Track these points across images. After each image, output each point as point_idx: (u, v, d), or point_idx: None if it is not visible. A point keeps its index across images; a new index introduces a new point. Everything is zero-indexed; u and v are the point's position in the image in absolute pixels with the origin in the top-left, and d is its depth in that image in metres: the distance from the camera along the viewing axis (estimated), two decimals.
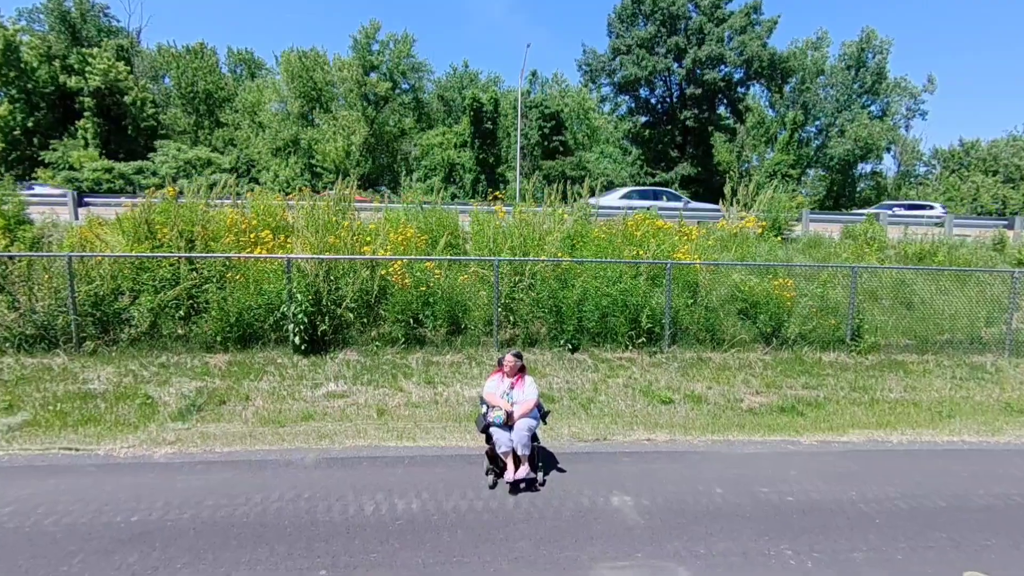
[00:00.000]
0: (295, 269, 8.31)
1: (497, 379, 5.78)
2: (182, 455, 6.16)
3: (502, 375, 5.81)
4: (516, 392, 5.64)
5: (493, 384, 5.74)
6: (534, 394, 5.66)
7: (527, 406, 5.54)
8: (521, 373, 5.80)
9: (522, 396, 5.62)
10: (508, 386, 5.68)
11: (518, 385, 5.69)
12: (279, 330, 8.40)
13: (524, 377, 5.79)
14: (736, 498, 5.34)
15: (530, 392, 5.65)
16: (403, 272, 8.61)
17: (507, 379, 5.75)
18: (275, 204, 10.31)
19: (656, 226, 10.42)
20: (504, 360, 5.80)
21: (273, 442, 6.51)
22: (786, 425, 7.32)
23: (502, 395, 5.63)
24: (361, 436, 6.70)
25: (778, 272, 9.82)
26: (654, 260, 9.35)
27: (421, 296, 8.72)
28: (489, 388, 5.71)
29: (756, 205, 11.50)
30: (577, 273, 9.20)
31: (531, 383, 5.75)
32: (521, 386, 5.69)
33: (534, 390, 5.70)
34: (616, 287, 8.83)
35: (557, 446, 6.48)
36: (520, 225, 9.70)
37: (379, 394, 7.71)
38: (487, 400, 5.63)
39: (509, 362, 5.74)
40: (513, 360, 5.75)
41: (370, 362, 8.26)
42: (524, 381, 5.74)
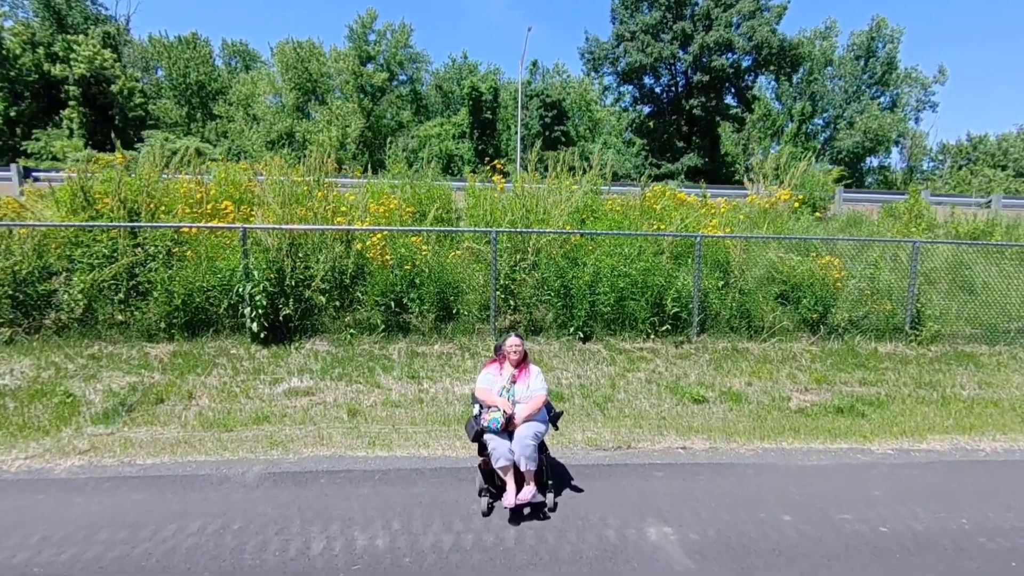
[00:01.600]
0: (252, 242, 6.97)
1: (494, 371, 4.44)
2: (91, 469, 4.82)
3: (500, 365, 4.47)
4: (519, 387, 4.30)
5: (489, 377, 4.40)
6: (542, 388, 4.32)
7: (534, 405, 4.20)
8: (525, 362, 4.46)
9: (527, 392, 4.28)
10: (508, 379, 4.34)
11: (521, 378, 4.35)
12: (235, 315, 7.05)
13: (529, 367, 4.44)
14: (812, 529, 3.99)
15: (537, 386, 4.31)
16: (383, 246, 7.26)
17: (507, 370, 4.41)
18: (240, 174, 8.97)
19: (678, 199, 9.07)
20: (504, 346, 4.46)
21: (212, 451, 5.16)
22: (848, 429, 5.97)
23: (501, 391, 4.29)
24: (324, 443, 5.35)
25: (820, 250, 8.45)
26: (680, 233, 8.00)
27: (405, 276, 7.38)
28: (484, 382, 4.37)
29: (788, 179, 10.14)
30: (588, 250, 7.85)
31: (538, 375, 4.41)
32: (525, 379, 4.34)
33: (542, 384, 4.36)
34: (635, 266, 7.48)
35: (570, 456, 5.14)
36: (522, 196, 8.35)
37: (352, 391, 6.37)
38: (480, 398, 4.29)
39: (511, 347, 4.40)
40: (516, 344, 4.41)
41: (343, 353, 6.91)
42: (529, 372, 4.39)
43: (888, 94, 48.64)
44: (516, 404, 4.21)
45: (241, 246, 6.82)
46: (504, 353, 4.46)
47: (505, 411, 4.08)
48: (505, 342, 4.46)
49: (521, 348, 4.43)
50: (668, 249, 7.94)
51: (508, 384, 4.30)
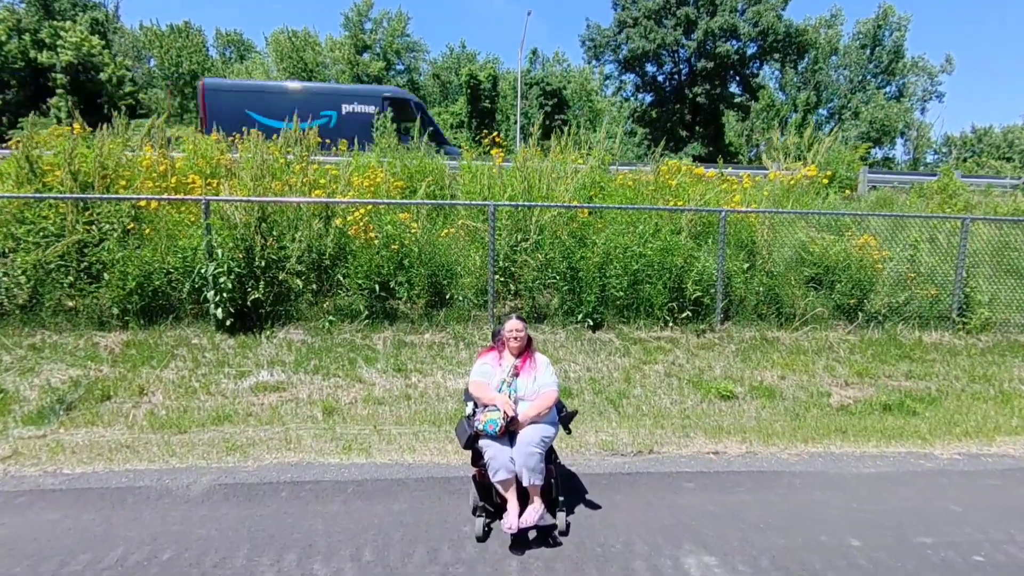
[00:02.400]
0: (218, 217, 6.12)
1: (491, 361, 3.61)
2: (5, 480, 3.99)
3: (499, 355, 3.64)
4: (523, 381, 3.48)
5: (486, 369, 3.57)
6: (552, 384, 3.50)
7: (542, 403, 3.38)
8: (529, 351, 3.64)
9: (532, 387, 3.45)
10: (510, 372, 3.52)
11: (525, 370, 3.52)
12: (199, 301, 6.21)
13: (534, 357, 3.62)
14: (890, 558, 3.18)
15: (546, 380, 3.50)
16: (367, 223, 6.42)
17: (507, 361, 3.60)
18: (212, 147, 8.11)
19: (696, 174, 8.23)
20: (503, 330, 3.64)
21: (158, 458, 4.34)
22: (902, 430, 5.16)
23: (500, 386, 3.47)
24: (291, 447, 4.53)
25: (853, 230, 7.61)
26: (702, 207, 7.16)
27: (393, 257, 6.54)
28: (479, 375, 3.55)
29: (811, 155, 9.29)
30: (598, 229, 7.02)
31: (547, 367, 3.59)
32: (530, 371, 3.52)
33: (552, 377, 3.54)
34: (651, 245, 6.65)
35: (582, 463, 4.32)
36: (523, 169, 7.50)
37: (329, 386, 5.54)
38: (475, 395, 3.47)
39: (512, 332, 3.58)
40: (517, 329, 3.59)
41: (320, 343, 6.08)
42: (535, 364, 3.57)
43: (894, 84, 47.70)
44: (519, 402, 3.39)
45: (204, 220, 5.97)
46: (503, 339, 3.63)
47: (506, 411, 3.26)
48: (504, 326, 3.63)
49: (524, 333, 3.60)
50: (687, 228, 7.10)
51: (509, 377, 3.48)
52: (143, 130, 8.48)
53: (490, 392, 3.42)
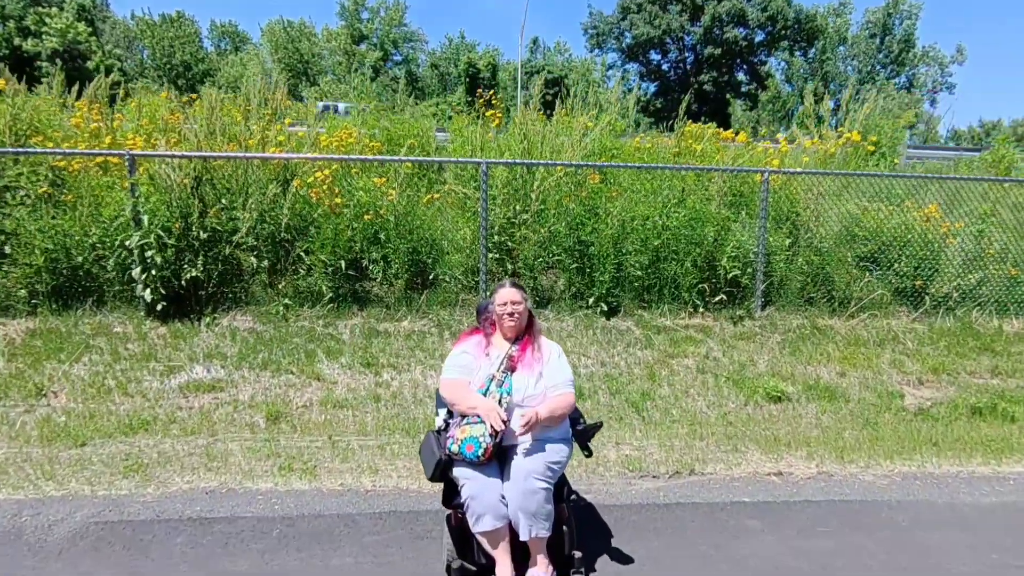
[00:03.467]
0: (145, 174, 4.97)
1: (473, 349, 2.48)
2: None
3: (485, 340, 2.50)
4: (521, 377, 2.35)
5: (464, 360, 2.44)
6: (567, 380, 2.40)
7: (553, 410, 2.26)
8: (531, 334, 2.50)
9: (535, 387, 2.34)
10: (501, 364, 2.39)
11: (525, 361, 2.40)
12: (127, 281, 5.07)
13: (538, 342, 2.48)
14: None
15: (558, 376, 2.38)
16: (331, 185, 5.26)
17: (498, 347, 2.47)
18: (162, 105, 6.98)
19: (724, 137, 7.08)
20: (492, 304, 2.51)
21: (29, 482, 3.22)
22: (1007, 440, 4.04)
23: (487, 385, 2.34)
24: (213, 467, 3.40)
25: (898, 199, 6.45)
26: (740, 168, 6.01)
27: (365, 229, 5.40)
28: (455, 370, 2.42)
29: (847, 123, 8.13)
30: (611, 198, 5.87)
31: (558, 355, 2.47)
32: (533, 362, 2.39)
33: (566, 371, 2.43)
34: (677, 216, 5.50)
35: (601, 489, 3.19)
36: (523, 126, 6.34)
37: (278, 385, 4.41)
38: (449, 399, 2.34)
39: (506, 304, 2.46)
40: (513, 299, 2.46)
41: (273, 331, 4.94)
42: (539, 352, 2.44)
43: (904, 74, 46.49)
44: (514, 411, 2.26)
45: (128, 177, 4.82)
46: (492, 317, 2.50)
47: (493, 424, 2.13)
48: (494, 297, 2.50)
49: (523, 308, 2.47)
50: (717, 197, 5.94)
51: (500, 373, 2.34)
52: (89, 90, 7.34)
53: (471, 395, 2.29)
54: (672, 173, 5.98)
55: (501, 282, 2.52)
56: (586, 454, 2.38)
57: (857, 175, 6.00)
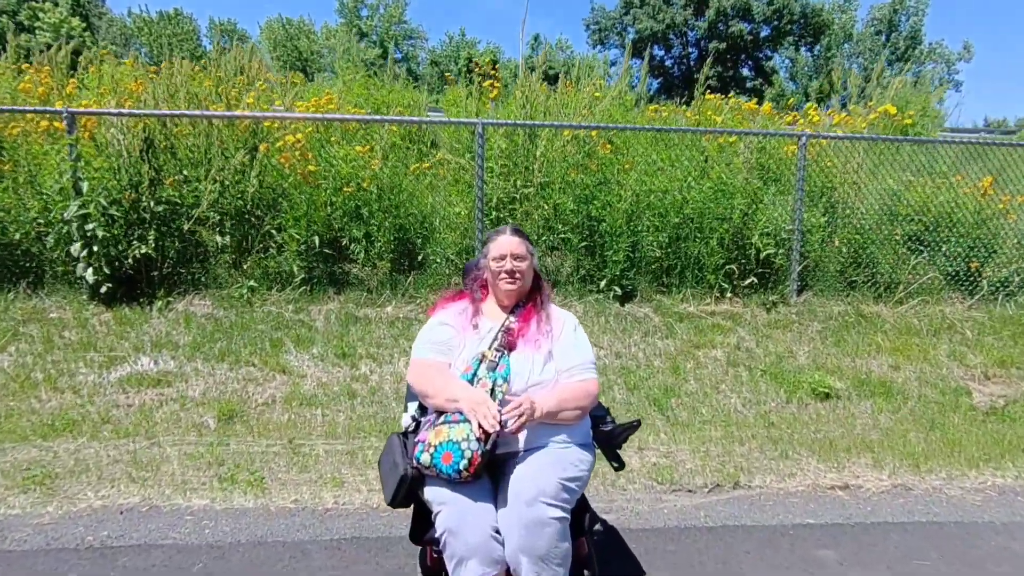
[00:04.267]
0: (85, 134, 4.31)
1: (455, 320, 1.80)
2: None
3: (473, 308, 1.82)
4: (523, 358, 1.69)
5: (444, 334, 1.77)
6: (588, 361, 1.73)
7: (569, 398, 1.61)
8: (536, 299, 1.82)
9: (541, 371, 1.66)
10: (497, 338, 1.71)
11: (529, 336, 1.72)
12: (69, 260, 4.40)
13: (545, 311, 1.80)
14: None
15: (574, 356, 1.73)
16: (303, 151, 4.58)
17: (490, 318, 1.80)
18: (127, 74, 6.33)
19: (747, 108, 6.41)
20: (486, 257, 1.83)
21: None
22: None
23: (473, 368, 1.65)
24: (140, 478, 2.74)
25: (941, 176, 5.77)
26: (774, 132, 5.33)
27: (345, 203, 4.74)
28: (429, 346, 1.74)
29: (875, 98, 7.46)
30: (624, 170, 5.19)
31: (573, 329, 1.79)
32: (539, 337, 1.72)
33: (585, 350, 1.75)
34: (700, 189, 4.83)
35: (624, 507, 2.52)
36: (525, 88, 5.67)
37: (237, 378, 3.74)
38: (420, 388, 1.66)
39: (507, 256, 1.77)
40: (515, 252, 1.78)
41: (235, 317, 4.27)
42: (547, 324, 1.77)
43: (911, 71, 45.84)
44: (505, 396, 1.57)
45: (68, 137, 4.15)
46: (483, 278, 1.83)
47: (482, 423, 1.45)
48: (488, 247, 1.82)
49: (527, 264, 1.80)
50: (744, 169, 5.26)
51: (493, 351, 1.66)
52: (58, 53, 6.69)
53: (451, 383, 1.61)
54: (692, 143, 5.31)
55: (498, 228, 1.84)
56: (615, 466, 1.71)
57: (913, 141, 5.34)
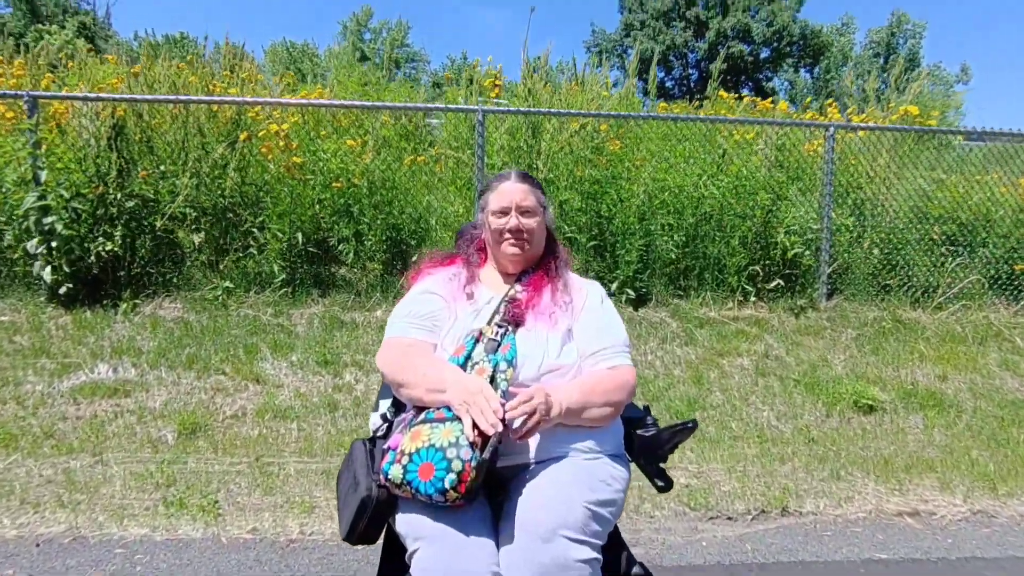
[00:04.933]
0: (51, 124, 3.96)
1: (445, 286, 1.38)
2: None
3: (467, 274, 1.40)
4: (535, 334, 1.26)
5: (429, 303, 1.35)
6: (621, 343, 1.30)
7: (597, 390, 1.20)
8: (548, 263, 1.40)
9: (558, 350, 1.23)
10: (499, 311, 1.28)
11: (542, 306, 1.30)
12: (26, 258, 4.01)
13: (561, 279, 1.38)
14: None
15: (602, 330, 1.30)
16: (287, 141, 4.22)
17: (492, 283, 1.37)
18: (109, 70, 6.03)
19: (763, 107, 6.08)
20: (485, 211, 1.42)
21: None
22: None
23: (468, 347, 1.23)
24: (72, 503, 2.29)
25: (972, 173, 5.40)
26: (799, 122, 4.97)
27: (334, 199, 4.36)
28: (410, 321, 1.32)
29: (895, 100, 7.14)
30: (636, 165, 4.83)
31: (600, 299, 1.36)
32: (555, 308, 1.29)
33: (613, 324, 1.32)
34: (718, 185, 4.45)
35: (652, 537, 2.07)
36: (527, 87, 5.34)
37: (204, 388, 3.31)
38: (392, 375, 1.23)
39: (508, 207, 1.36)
40: (521, 202, 1.36)
41: (207, 321, 3.85)
42: (568, 290, 1.34)
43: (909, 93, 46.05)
44: (519, 393, 1.14)
45: (27, 119, 3.79)
46: (478, 239, 1.43)
47: (479, 421, 1.02)
48: (486, 197, 1.41)
49: (538, 220, 1.39)
50: (761, 164, 4.90)
51: (493, 329, 1.24)
52: None
53: (436, 367, 1.19)
54: (708, 137, 4.96)
55: (501, 173, 1.44)
56: (660, 486, 1.28)
57: (950, 132, 5.02)
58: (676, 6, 33.84)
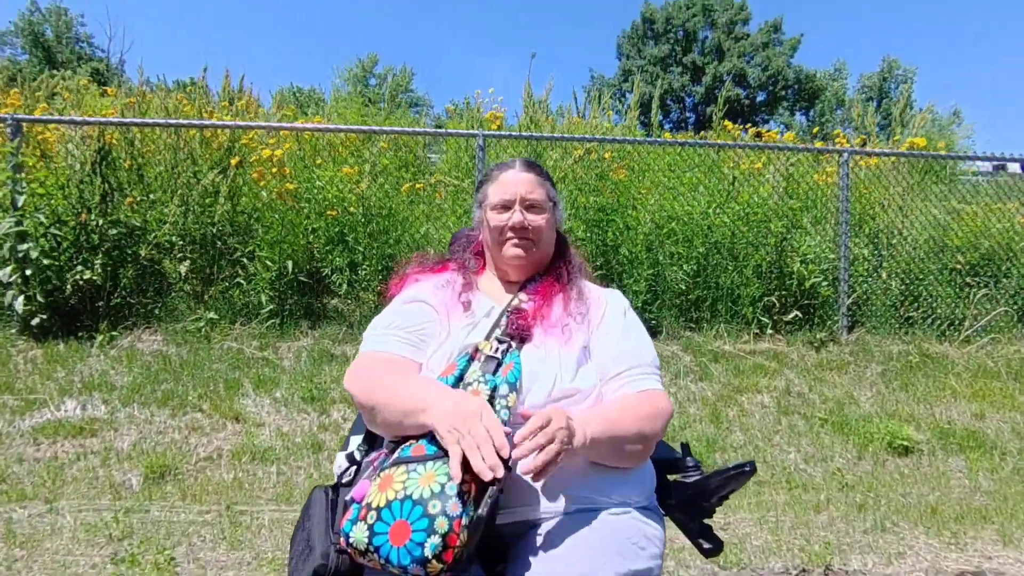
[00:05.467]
0: (36, 150, 3.82)
1: (435, 294, 1.15)
2: None
3: (464, 281, 1.16)
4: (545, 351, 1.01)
5: (418, 313, 1.11)
6: (645, 360, 1.04)
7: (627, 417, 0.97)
8: (561, 267, 1.17)
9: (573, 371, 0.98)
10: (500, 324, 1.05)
11: (553, 318, 1.06)
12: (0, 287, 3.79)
13: (576, 284, 1.15)
14: None
15: (628, 348, 1.04)
16: (280, 167, 4.06)
17: (491, 292, 1.14)
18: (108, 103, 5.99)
19: (770, 137, 5.99)
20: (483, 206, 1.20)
21: None
22: None
23: (460, 366, 0.98)
24: (8, 562, 1.99)
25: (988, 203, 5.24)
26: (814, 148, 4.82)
27: (328, 227, 4.18)
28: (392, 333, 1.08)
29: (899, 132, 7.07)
30: (642, 193, 4.67)
31: (623, 311, 1.12)
32: (568, 320, 1.05)
33: (640, 340, 1.07)
34: (728, 213, 4.28)
35: None
36: (529, 116, 5.25)
37: (177, 427, 3.03)
38: (367, 399, 0.98)
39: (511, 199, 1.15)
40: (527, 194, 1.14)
41: (187, 355, 3.60)
42: (583, 299, 1.10)
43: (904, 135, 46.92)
44: (527, 420, 0.89)
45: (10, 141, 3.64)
46: (474, 243, 1.21)
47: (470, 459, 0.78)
48: (485, 189, 1.20)
49: (545, 218, 1.17)
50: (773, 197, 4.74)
51: (492, 341, 1.00)
52: None
53: (420, 388, 0.94)
54: (714, 168, 4.82)
55: (504, 163, 1.23)
56: (707, 549, 1.02)
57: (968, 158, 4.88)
58: (673, 52, 34.81)
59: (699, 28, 33.80)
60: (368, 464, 0.92)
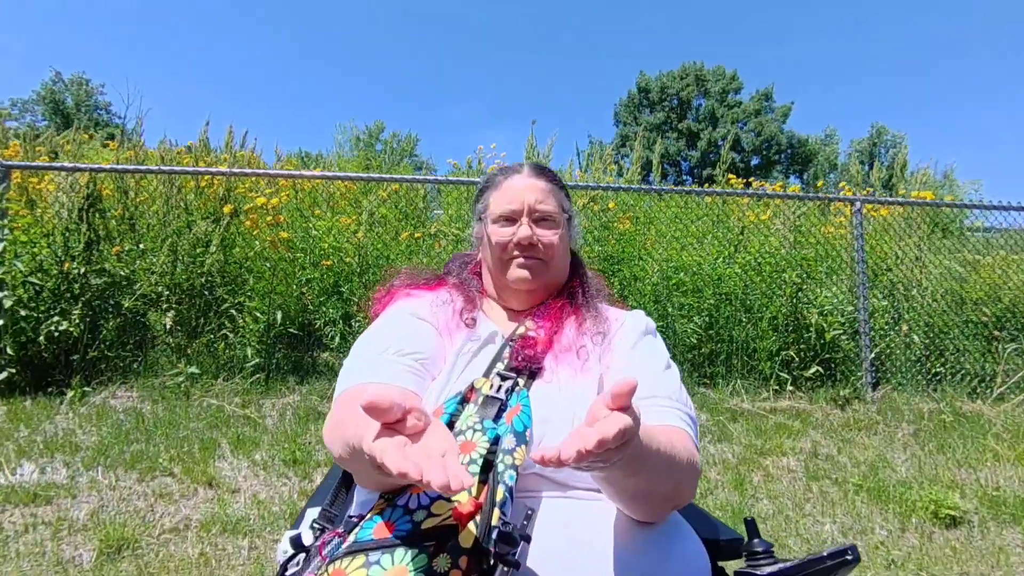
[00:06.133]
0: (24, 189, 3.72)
1: (434, 311, 0.93)
2: None
3: (464, 301, 0.95)
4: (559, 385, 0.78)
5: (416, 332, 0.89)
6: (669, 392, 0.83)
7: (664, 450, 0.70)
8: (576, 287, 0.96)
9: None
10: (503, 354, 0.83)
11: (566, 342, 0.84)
12: None
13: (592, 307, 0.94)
14: None
15: (651, 376, 0.80)
16: (275, 215, 3.94)
17: (496, 317, 0.92)
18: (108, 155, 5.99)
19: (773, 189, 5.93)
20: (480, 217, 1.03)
21: None
22: None
23: (446, 409, 0.75)
24: None
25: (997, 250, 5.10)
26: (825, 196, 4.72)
27: (322, 278, 4.02)
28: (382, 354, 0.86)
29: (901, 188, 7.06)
30: (648, 244, 4.54)
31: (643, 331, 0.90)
32: (578, 346, 0.83)
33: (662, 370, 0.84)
34: (740, 260, 4.12)
35: None
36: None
37: (143, 494, 2.73)
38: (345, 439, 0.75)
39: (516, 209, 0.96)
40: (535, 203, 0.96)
41: (163, 413, 3.33)
42: (602, 321, 0.89)
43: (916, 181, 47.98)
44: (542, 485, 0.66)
45: None
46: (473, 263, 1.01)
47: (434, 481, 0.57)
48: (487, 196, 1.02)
49: (560, 230, 0.98)
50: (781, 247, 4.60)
51: (494, 377, 0.78)
52: None
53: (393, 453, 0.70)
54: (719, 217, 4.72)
55: (510, 166, 1.04)
56: None
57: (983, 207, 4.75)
58: (668, 119, 36.09)
59: (693, 97, 35.20)
60: (316, 549, 0.67)
